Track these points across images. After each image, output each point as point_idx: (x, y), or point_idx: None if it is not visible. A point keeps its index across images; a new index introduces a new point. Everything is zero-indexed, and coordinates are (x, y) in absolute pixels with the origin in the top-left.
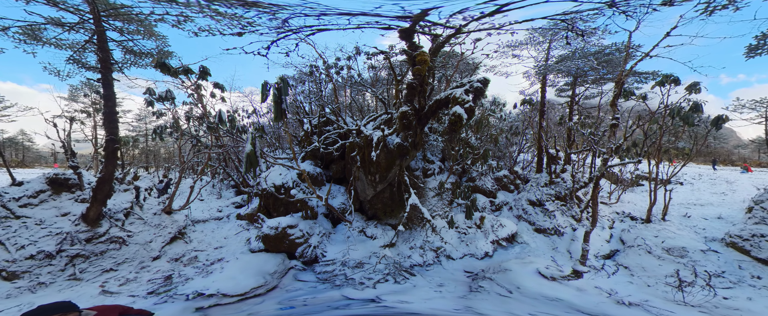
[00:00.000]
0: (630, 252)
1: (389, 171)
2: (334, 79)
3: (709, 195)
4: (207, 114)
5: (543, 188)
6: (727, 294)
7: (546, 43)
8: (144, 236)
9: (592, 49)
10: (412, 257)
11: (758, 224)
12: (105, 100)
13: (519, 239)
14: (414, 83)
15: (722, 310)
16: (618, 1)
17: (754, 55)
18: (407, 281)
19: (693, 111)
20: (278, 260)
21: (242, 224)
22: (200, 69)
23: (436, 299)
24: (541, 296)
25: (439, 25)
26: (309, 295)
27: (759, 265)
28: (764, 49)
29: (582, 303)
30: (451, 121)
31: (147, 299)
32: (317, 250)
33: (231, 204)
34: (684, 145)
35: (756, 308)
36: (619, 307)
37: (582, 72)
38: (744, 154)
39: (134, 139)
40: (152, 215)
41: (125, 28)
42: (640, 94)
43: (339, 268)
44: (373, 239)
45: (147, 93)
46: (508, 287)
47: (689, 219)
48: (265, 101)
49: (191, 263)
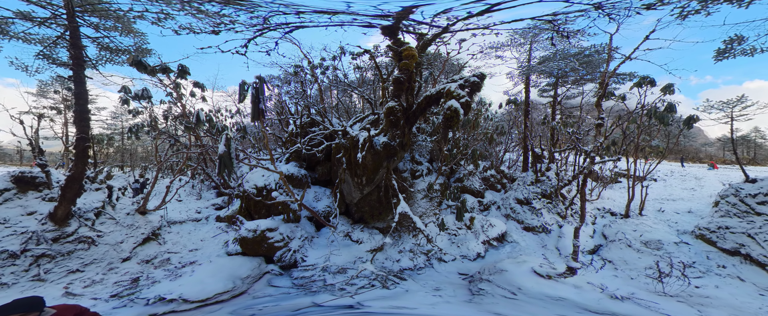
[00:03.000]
0: (612, 247)
1: (376, 173)
2: (319, 79)
3: (680, 191)
4: (186, 113)
5: (529, 186)
6: (698, 283)
7: (527, 44)
8: (115, 237)
9: (572, 51)
10: (401, 261)
11: (724, 217)
12: (76, 98)
13: (509, 239)
14: (401, 78)
15: (696, 298)
16: (604, 3)
17: (722, 58)
18: (398, 286)
19: (668, 111)
20: (254, 264)
21: (221, 227)
22: (179, 67)
23: (440, 304)
24: (545, 296)
25: (423, 23)
26: (274, 302)
27: (724, 255)
28: (731, 52)
29: (584, 301)
30: (446, 116)
31: (108, 303)
32: (297, 254)
33: (211, 206)
34: (658, 144)
35: (722, 295)
36: (615, 302)
37: (563, 73)
38: (710, 152)
39: (109, 138)
40: (125, 214)
41: (101, 25)
42: (619, 94)
43: (318, 273)
44: (358, 244)
45: (122, 91)
46: (510, 288)
47: (663, 214)
48: (242, 101)
49: (162, 266)
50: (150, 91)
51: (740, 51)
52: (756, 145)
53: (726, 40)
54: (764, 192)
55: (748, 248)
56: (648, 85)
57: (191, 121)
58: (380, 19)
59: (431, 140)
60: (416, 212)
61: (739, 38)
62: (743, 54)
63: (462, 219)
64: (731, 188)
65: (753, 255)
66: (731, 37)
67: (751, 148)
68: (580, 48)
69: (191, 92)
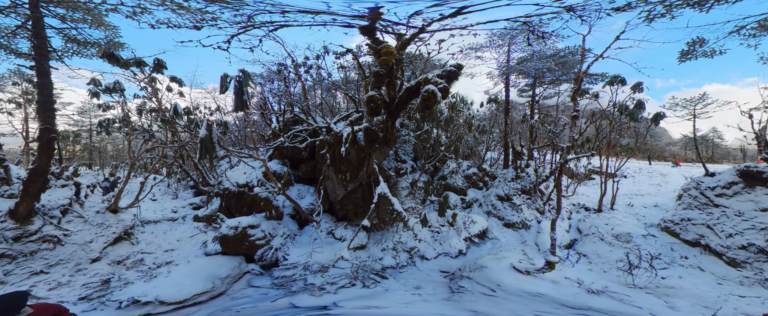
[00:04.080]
0: (586, 241)
1: (360, 169)
2: (303, 78)
3: (648, 186)
4: (162, 109)
5: (510, 182)
6: (663, 274)
7: (505, 46)
8: (83, 236)
9: (548, 53)
10: (383, 259)
11: (686, 210)
12: (40, 89)
13: (490, 235)
14: (381, 71)
15: (662, 289)
16: (575, 6)
17: (685, 59)
18: (378, 285)
19: (637, 108)
20: (234, 264)
21: (199, 226)
22: (155, 61)
23: (417, 302)
24: (524, 293)
25: (399, 24)
26: (252, 303)
27: (686, 246)
28: (694, 54)
29: (561, 296)
30: (424, 97)
31: (77, 306)
32: (279, 253)
33: (188, 205)
34: (627, 142)
35: (685, 285)
36: (591, 296)
37: (540, 73)
38: (674, 151)
39: (75, 135)
40: (95, 213)
41: (68, 16)
42: (592, 93)
43: (300, 272)
44: (341, 241)
45: (92, 83)
46: (489, 285)
47: (632, 208)
48: (224, 93)
49: (135, 267)
50: (122, 84)
51: (701, 53)
52: (714, 144)
53: (689, 42)
54: (721, 185)
55: (707, 239)
56: (619, 83)
57: (168, 115)
58: (359, 20)
59: (415, 136)
60: (399, 209)
61: (700, 40)
62: (704, 55)
63: (444, 215)
64: (693, 181)
65: (711, 245)
66: (693, 40)
67: (710, 148)
68: (556, 50)
69: (168, 87)
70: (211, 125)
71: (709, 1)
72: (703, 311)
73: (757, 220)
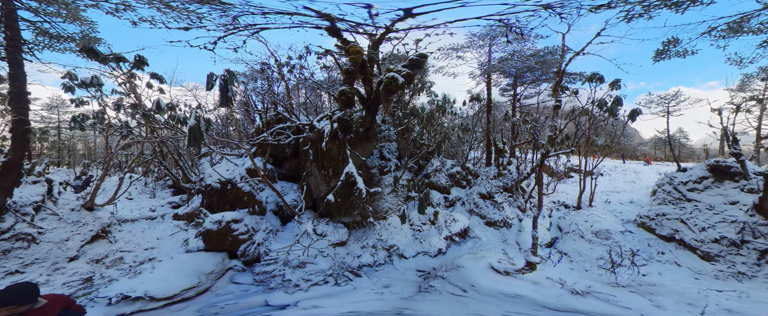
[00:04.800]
0: (567, 238)
1: (342, 164)
2: (286, 77)
3: (623, 183)
4: (141, 105)
5: (492, 180)
6: (643, 271)
7: (486, 46)
8: (59, 234)
9: (528, 52)
10: (362, 256)
11: (660, 205)
12: (12, 80)
13: (471, 234)
14: (350, 68)
15: (645, 287)
16: (553, 4)
17: (660, 59)
18: (349, 283)
19: (616, 104)
20: (217, 260)
21: (180, 224)
22: (136, 58)
23: (370, 301)
24: (499, 294)
25: (362, 24)
26: (233, 300)
27: (662, 241)
28: (668, 54)
29: (542, 298)
30: (385, 83)
31: None
32: (261, 248)
33: (167, 204)
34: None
35: (666, 282)
36: (576, 297)
37: (521, 72)
38: (644, 150)
39: (43, 132)
40: (69, 210)
41: (42, 9)
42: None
43: (279, 268)
44: (323, 237)
45: (66, 78)
46: (462, 285)
47: (609, 204)
48: (210, 90)
49: (115, 265)
50: (100, 79)
51: (675, 53)
52: (680, 144)
53: (664, 41)
54: (693, 180)
55: (681, 233)
56: (598, 81)
57: (150, 110)
58: (325, 21)
59: (396, 132)
60: (382, 207)
61: (674, 40)
62: (677, 55)
63: (424, 211)
64: (666, 176)
65: (686, 240)
66: (669, 39)
67: (676, 147)
68: (536, 50)
69: (148, 84)
70: (200, 115)
71: (685, 2)
72: (689, 309)
73: (727, 213)
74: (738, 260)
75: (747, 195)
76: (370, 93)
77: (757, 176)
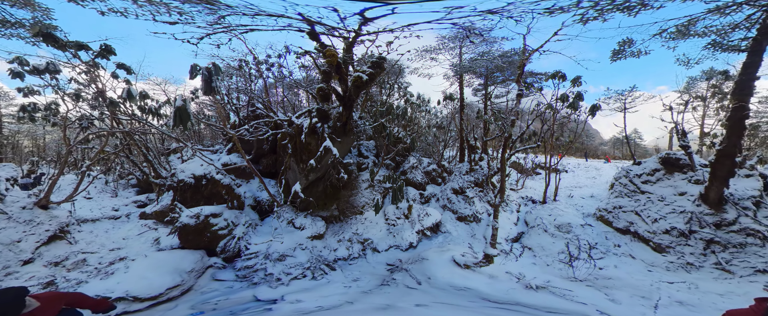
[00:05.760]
0: (532, 233)
1: (322, 158)
2: (264, 75)
3: (585, 179)
4: (105, 96)
5: (465, 175)
6: (600, 264)
7: (457, 48)
8: (8, 234)
9: (497, 53)
10: (338, 250)
11: (617, 198)
12: None
13: (443, 229)
14: (326, 69)
15: (601, 281)
16: (499, 9)
17: (616, 58)
18: (325, 276)
19: (577, 99)
20: (196, 257)
21: (148, 224)
22: (102, 46)
23: (336, 295)
24: (450, 286)
25: (335, 28)
26: (223, 296)
27: (618, 234)
28: (624, 54)
29: (492, 291)
30: (353, 81)
31: None
32: (241, 242)
33: (131, 203)
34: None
35: (621, 275)
36: (529, 292)
37: (491, 72)
38: (605, 149)
39: None
40: (20, 208)
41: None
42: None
43: (260, 262)
44: (301, 230)
45: (15, 62)
46: (420, 277)
47: (572, 199)
48: (193, 79)
49: (78, 267)
50: (58, 65)
51: (630, 53)
52: (635, 143)
53: (619, 42)
54: (647, 172)
55: (635, 226)
56: (560, 78)
57: (120, 98)
58: (306, 24)
59: (372, 127)
60: (359, 202)
61: (629, 41)
62: (632, 55)
63: (398, 202)
64: (623, 170)
65: (640, 232)
66: (623, 40)
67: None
68: (503, 51)
69: (113, 73)
70: (186, 98)
71: (636, 6)
72: (642, 302)
73: (677, 204)
74: (687, 251)
75: (694, 186)
76: (346, 91)
77: (703, 167)
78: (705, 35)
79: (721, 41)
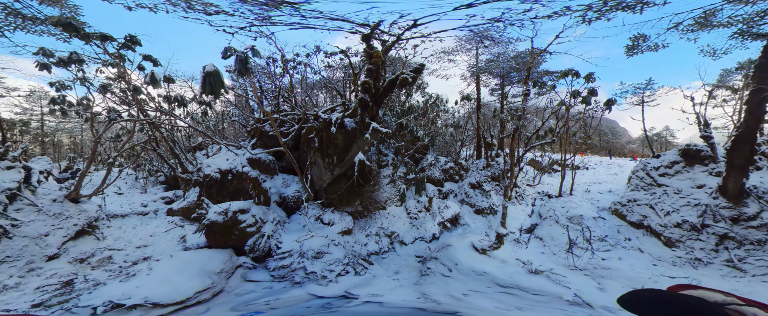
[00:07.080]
0: (544, 224)
1: (347, 152)
2: (290, 73)
3: (606, 175)
4: (130, 88)
5: (482, 170)
6: (606, 256)
7: (474, 49)
8: (37, 228)
9: (511, 54)
10: (368, 244)
11: (634, 191)
12: None
13: (461, 221)
14: (372, 67)
15: (600, 271)
16: (502, 18)
17: (632, 54)
18: (366, 271)
19: (590, 94)
20: (224, 257)
21: (175, 221)
22: (127, 37)
23: (396, 288)
24: (472, 271)
25: (385, 32)
26: (267, 297)
27: (631, 228)
28: (639, 48)
29: (501, 275)
30: (401, 81)
31: None
32: (271, 240)
33: (159, 199)
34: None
35: (622, 267)
36: (529, 276)
37: (507, 73)
38: (633, 148)
39: (23, 123)
40: (50, 201)
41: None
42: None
43: (297, 261)
44: (330, 225)
45: (40, 53)
46: (449, 264)
47: (589, 194)
48: (226, 59)
49: (102, 265)
50: (81, 55)
51: (646, 47)
52: (667, 141)
53: (631, 37)
54: (665, 165)
55: (649, 219)
56: (573, 76)
57: (145, 82)
58: (362, 27)
59: (396, 123)
60: (381, 197)
61: (642, 36)
62: (649, 50)
63: (421, 193)
64: (641, 162)
65: (652, 226)
66: (636, 35)
67: (663, 145)
68: (518, 52)
69: (139, 66)
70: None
71: (637, 4)
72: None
73: (693, 197)
74: (697, 246)
75: (714, 178)
76: (378, 89)
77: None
78: (730, 25)
79: (749, 30)
